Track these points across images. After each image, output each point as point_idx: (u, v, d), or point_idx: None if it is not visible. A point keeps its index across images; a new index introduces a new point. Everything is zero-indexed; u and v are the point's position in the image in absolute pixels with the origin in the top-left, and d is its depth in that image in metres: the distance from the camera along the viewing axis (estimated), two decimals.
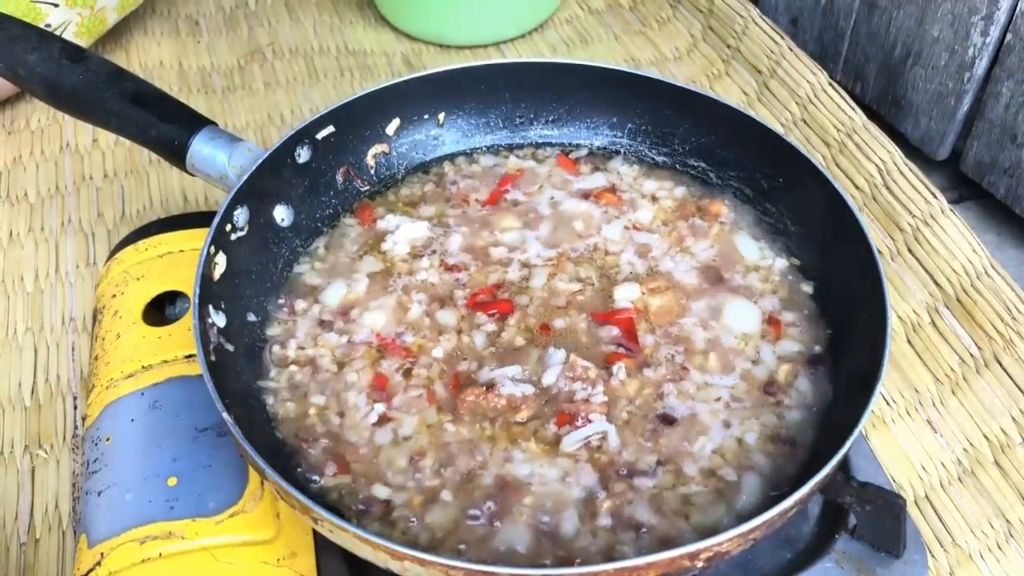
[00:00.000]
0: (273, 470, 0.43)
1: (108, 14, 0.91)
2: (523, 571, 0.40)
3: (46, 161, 0.87)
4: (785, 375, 0.54)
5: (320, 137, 0.60)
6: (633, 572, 0.41)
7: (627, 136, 0.67)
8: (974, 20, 0.77)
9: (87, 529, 0.53)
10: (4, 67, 0.59)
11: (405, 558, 0.41)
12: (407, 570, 0.42)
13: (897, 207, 0.76)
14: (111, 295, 0.64)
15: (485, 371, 0.53)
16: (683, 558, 0.41)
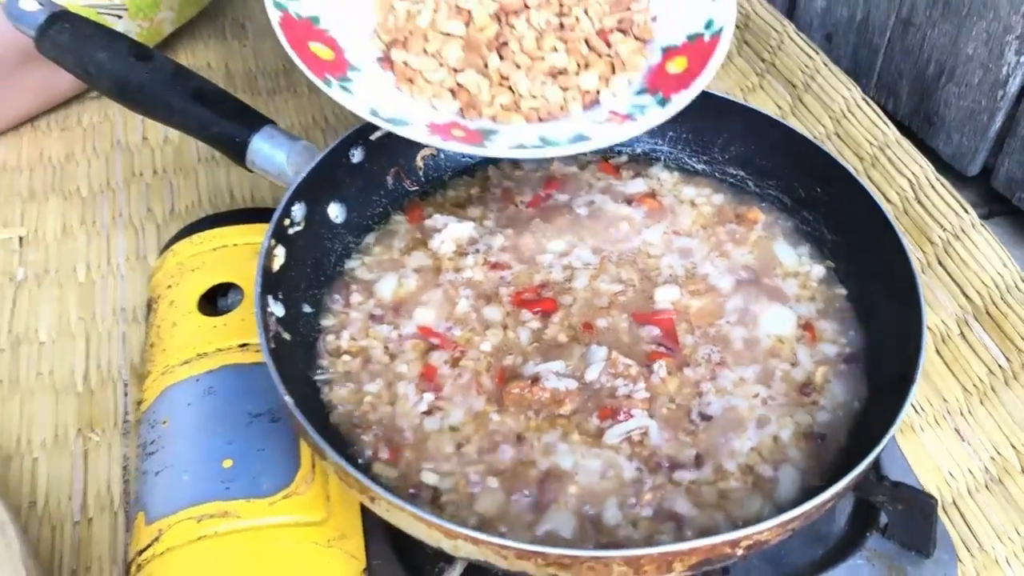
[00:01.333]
0: (333, 450, 0.45)
1: (165, 25, 0.95)
2: (571, 551, 0.42)
3: (98, 157, 0.90)
4: (820, 377, 0.55)
5: (374, 139, 0.63)
6: (677, 557, 0.42)
7: (667, 143, 0.69)
8: (1008, 39, 0.79)
9: (145, 507, 0.55)
10: (75, 64, 0.61)
11: (459, 537, 0.43)
12: (459, 549, 0.44)
13: (928, 220, 0.78)
14: (167, 285, 0.66)
15: (530, 365, 0.55)
16: (725, 545, 0.43)
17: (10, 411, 0.70)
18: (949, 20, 0.84)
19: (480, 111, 0.56)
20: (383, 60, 0.58)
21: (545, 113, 0.57)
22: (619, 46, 0.58)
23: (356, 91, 0.55)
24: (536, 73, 0.57)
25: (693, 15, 0.60)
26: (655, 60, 0.59)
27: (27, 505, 0.64)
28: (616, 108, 0.57)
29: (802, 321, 0.58)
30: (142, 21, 0.91)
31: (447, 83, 0.56)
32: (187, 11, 0.97)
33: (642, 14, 0.60)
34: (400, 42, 0.57)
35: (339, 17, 0.58)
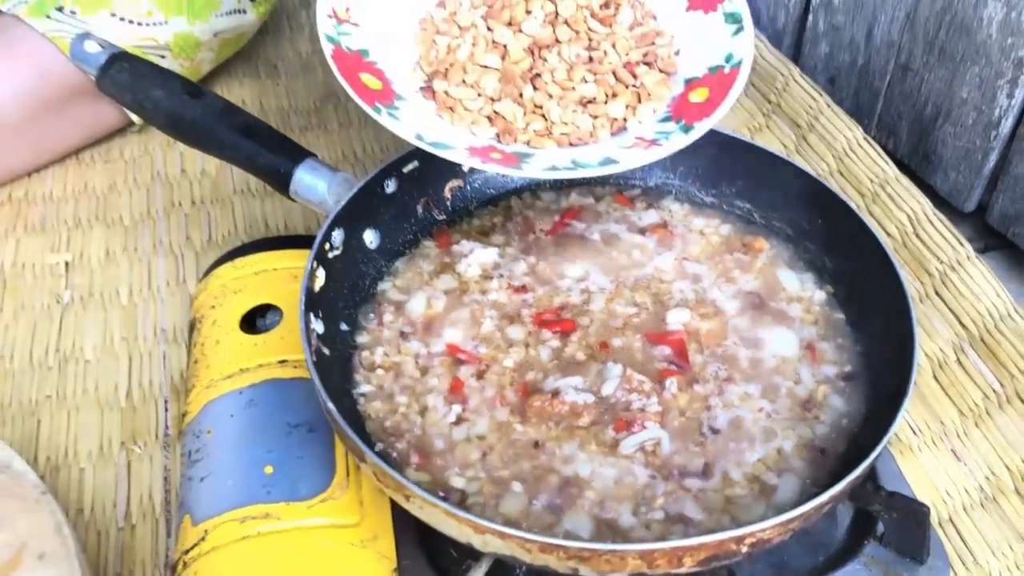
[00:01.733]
0: (372, 452, 0.49)
1: (204, 65, 1.01)
2: (591, 544, 0.46)
3: (139, 188, 0.95)
4: (821, 394, 0.59)
5: (406, 171, 0.68)
6: (686, 552, 0.46)
7: (678, 177, 0.73)
8: (1000, 83, 0.84)
9: (191, 510, 0.59)
10: (132, 101, 0.67)
11: (487, 531, 0.47)
12: (487, 544, 0.48)
13: (926, 253, 0.82)
14: (210, 306, 0.71)
15: (550, 380, 0.59)
16: (731, 541, 0.46)
17: (58, 424, 0.74)
18: (944, 65, 0.89)
19: (515, 137, 0.61)
20: (425, 90, 0.63)
21: (576, 139, 0.61)
22: (644, 77, 0.63)
23: (402, 118, 0.60)
24: (567, 102, 0.61)
25: (714, 50, 0.65)
26: (678, 91, 0.64)
27: (75, 512, 0.68)
28: (642, 134, 0.62)
29: (804, 342, 0.62)
30: (184, 60, 0.97)
31: (485, 111, 0.61)
32: (225, 52, 1.03)
33: (666, 48, 0.65)
34: (441, 73, 0.62)
35: (385, 50, 0.63)
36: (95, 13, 0.89)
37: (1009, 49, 0.82)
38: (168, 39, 0.94)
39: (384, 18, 0.64)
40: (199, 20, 0.95)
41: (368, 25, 0.63)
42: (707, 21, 0.66)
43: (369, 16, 0.63)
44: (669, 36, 0.66)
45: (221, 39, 0.99)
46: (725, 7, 0.66)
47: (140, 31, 0.92)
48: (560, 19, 0.63)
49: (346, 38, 0.61)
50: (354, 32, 0.62)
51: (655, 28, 0.66)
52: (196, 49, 0.97)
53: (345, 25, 0.62)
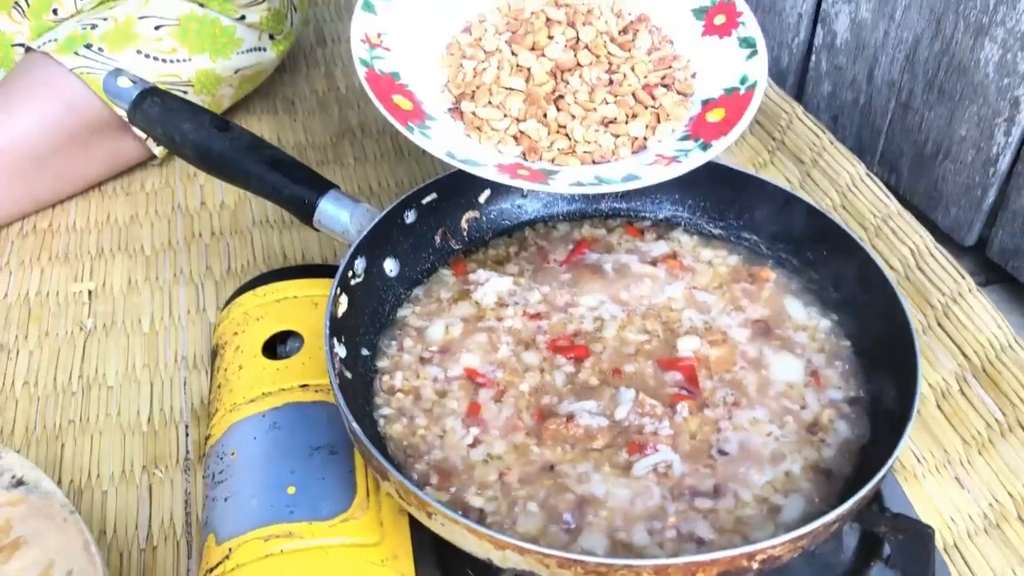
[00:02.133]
0: (395, 470, 0.51)
1: (224, 101, 1.04)
2: (607, 560, 0.47)
3: (160, 220, 0.98)
4: (826, 418, 0.61)
5: (424, 202, 0.70)
6: (699, 567, 0.48)
7: (687, 210, 0.76)
8: (998, 121, 0.86)
9: (215, 529, 0.61)
10: (162, 134, 0.69)
11: (507, 547, 0.48)
12: (507, 559, 0.49)
13: (928, 286, 0.84)
14: (232, 333, 0.73)
15: (565, 404, 0.61)
16: (742, 557, 0.48)
17: (82, 448, 0.76)
18: (944, 104, 0.91)
19: (540, 155, 0.64)
20: (453, 111, 0.66)
21: (599, 157, 0.64)
22: (663, 99, 0.66)
23: (434, 136, 0.63)
24: (590, 122, 0.64)
25: (729, 72, 0.68)
26: (695, 111, 0.67)
27: (98, 533, 0.70)
28: (662, 152, 0.65)
29: (810, 369, 0.64)
30: (205, 96, 1.00)
31: (511, 131, 0.64)
32: (245, 87, 1.06)
33: (683, 71, 0.68)
34: (468, 95, 0.65)
35: (415, 74, 0.66)
36: (122, 51, 0.93)
37: (1005, 89, 0.84)
38: (191, 75, 0.97)
39: (414, 44, 0.67)
40: (221, 57, 0.99)
41: (399, 50, 0.66)
42: (722, 46, 0.69)
43: (400, 42, 0.67)
44: (686, 60, 0.69)
45: (241, 76, 1.02)
46: (739, 32, 0.69)
47: (164, 67, 0.95)
48: (581, 44, 0.66)
49: (379, 62, 0.64)
50: (386, 56, 0.65)
51: (672, 52, 0.69)
52: (217, 85, 1.00)
53: (378, 50, 0.65)
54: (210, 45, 0.97)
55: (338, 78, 1.18)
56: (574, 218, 0.76)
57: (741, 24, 0.69)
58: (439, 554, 0.59)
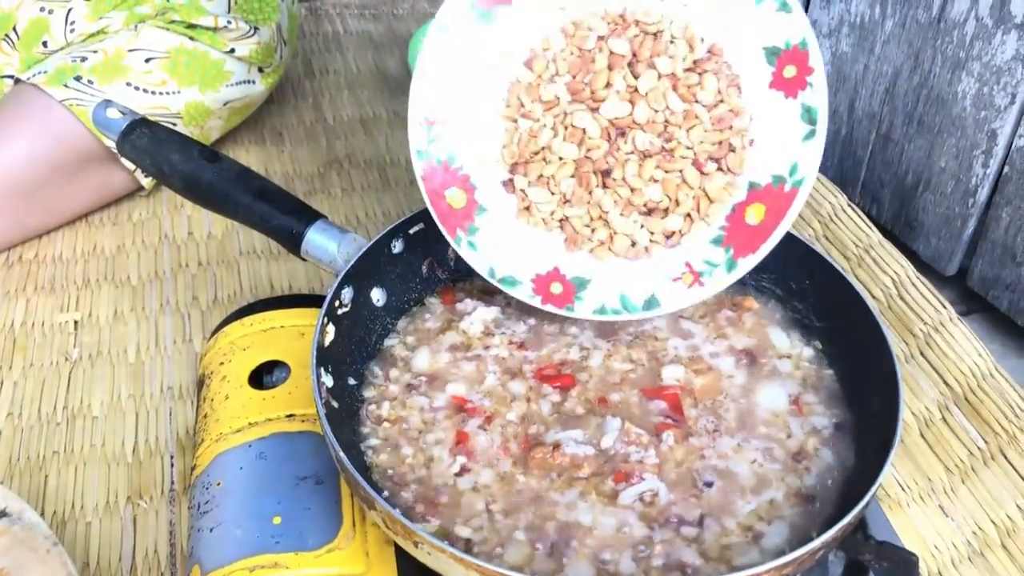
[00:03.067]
0: (382, 499, 0.51)
1: (213, 132, 1.05)
2: None
3: (146, 250, 0.98)
4: (811, 446, 0.62)
5: (412, 232, 0.70)
6: None
7: None
8: (976, 154, 0.88)
9: (200, 560, 0.61)
10: (151, 165, 0.70)
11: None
12: None
13: (910, 315, 0.85)
14: (219, 362, 0.73)
15: (551, 433, 0.61)
16: None
17: (66, 479, 0.75)
18: (923, 136, 0.93)
19: (580, 245, 0.66)
20: (507, 183, 0.66)
21: (632, 255, 0.66)
22: (709, 182, 0.65)
23: (479, 244, 0.65)
24: (631, 210, 0.65)
25: (783, 151, 0.64)
26: (739, 198, 0.66)
27: (81, 565, 0.69)
28: (691, 259, 0.66)
29: (793, 397, 0.65)
30: (193, 128, 1.01)
31: (557, 215, 0.66)
32: (233, 119, 1.07)
33: (740, 137, 0.65)
34: (522, 165, 0.65)
35: (473, 140, 0.65)
36: (111, 83, 0.93)
37: (983, 122, 0.86)
38: (180, 108, 0.98)
39: (474, 100, 0.65)
40: (210, 90, 0.99)
41: (457, 116, 0.64)
42: (785, 109, 0.64)
43: (459, 104, 0.65)
44: (747, 117, 0.65)
45: (230, 108, 1.03)
46: (805, 97, 0.63)
47: (154, 99, 0.96)
48: (639, 95, 0.64)
49: (435, 145, 0.64)
50: (443, 133, 0.64)
51: (735, 105, 0.64)
52: (206, 117, 1.01)
53: (435, 128, 0.64)
54: (199, 78, 0.98)
55: (325, 109, 1.20)
56: None
57: (809, 85, 0.62)
58: None
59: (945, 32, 0.87)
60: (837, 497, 0.59)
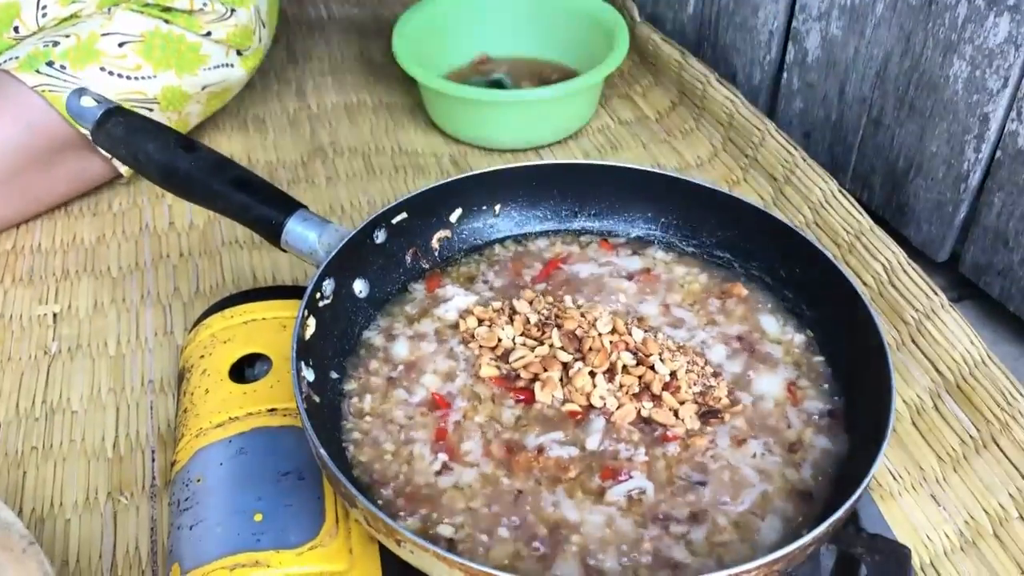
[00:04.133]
0: (364, 497, 0.50)
1: (192, 118, 1.02)
2: None
3: (127, 240, 0.96)
4: (805, 436, 0.61)
5: (395, 222, 0.69)
6: None
7: (660, 229, 0.75)
8: (968, 138, 0.87)
9: (179, 558, 0.59)
10: (127, 154, 0.68)
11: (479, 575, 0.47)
12: None
13: (901, 302, 0.84)
14: (199, 356, 0.72)
15: (531, 438, 0.60)
16: None
17: (44, 475, 0.74)
18: (914, 121, 0.92)
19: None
20: None
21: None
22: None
23: None
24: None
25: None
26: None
27: (60, 563, 0.68)
28: None
29: (786, 384, 0.64)
30: (171, 113, 0.99)
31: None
32: (213, 105, 1.05)
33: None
34: None
35: None
36: (85, 68, 0.91)
37: (975, 105, 0.85)
38: (156, 92, 0.96)
39: None
40: (187, 74, 0.97)
41: None
42: None
43: None
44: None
45: (209, 92, 1.01)
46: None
47: (129, 84, 0.94)
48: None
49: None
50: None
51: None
52: (184, 102, 0.99)
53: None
54: (176, 62, 0.96)
55: (309, 96, 1.17)
56: (548, 235, 0.75)
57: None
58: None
59: (937, 14, 0.85)
60: (830, 490, 0.58)
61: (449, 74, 1.14)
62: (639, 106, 1.16)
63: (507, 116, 1.04)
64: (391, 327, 0.68)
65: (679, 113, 1.13)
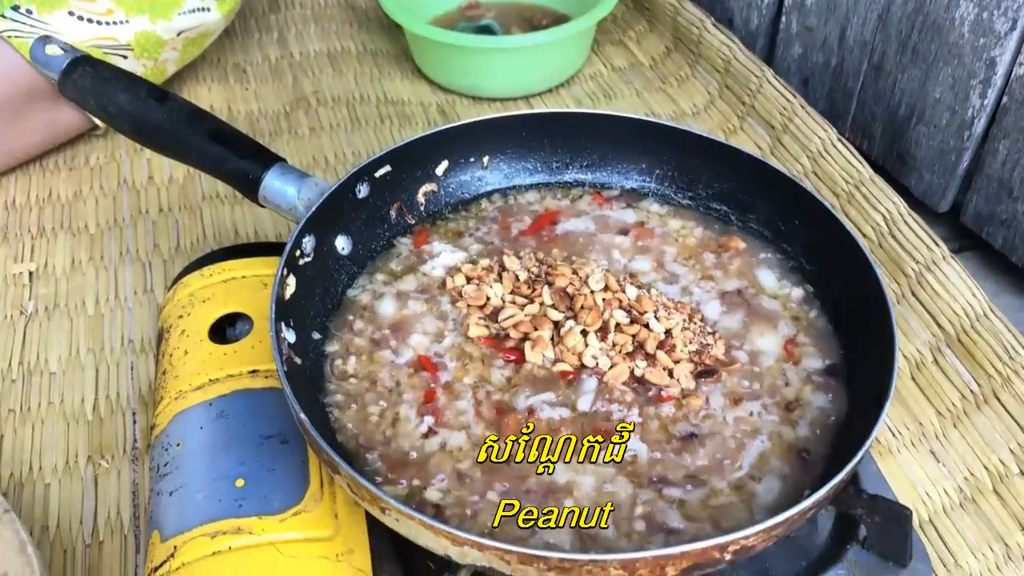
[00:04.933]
0: (346, 464, 0.48)
1: (169, 66, 0.99)
2: (570, 555, 0.45)
3: (105, 196, 0.93)
4: (803, 394, 0.59)
5: (378, 175, 0.66)
6: (669, 560, 0.45)
7: (655, 181, 0.72)
8: (973, 83, 0.84)
9: (159, 525, 0.58)
10: (96, 105, 0.65)
11: (465, 543, 0.45)
12: (466, 555, 0.46)
13: (902, 254, 0.82)
14: (178, 316, 0.69)
15: (521, 399, 0.58)
16: (713, 549, 0.45)
17: (22, 439, 0.72)
18: (917, 66, 0.89)
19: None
20: None
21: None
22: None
23: None
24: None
25: None
26: None
27: (39, 529, 0.66)
28: None
29: (784, 340, 0.62)
30: (146, 61, 0.95)
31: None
32: (190, 51, 1.01)
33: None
34: None
35: None
36: (53, 12, 0.87)
37: (981, 49, 0.82)
38: (129, 38, 0.92)
39: None
40: (161, 18, 0.93)
41: None
42: None
43: None
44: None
45: (185, 38, 0.97)
46: None
47: (100, 30, 0.90)
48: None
49: None
50: None
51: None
52: (159, 49, 0.95)
53: None
54: (149, 6, 0.92)
55: (291, 44, 1.14)
56: (539, 188, 0.72)
57: None
58: (397, 547, 0.56)
59: None
60: (829, 450, 0.56)
61: (435, 20, 1.10)
62: (633, 52, 1.12)
63: (496, 63, 1.01)
64: (376, 285, 0.65)
65: (674, 59, 1.10)
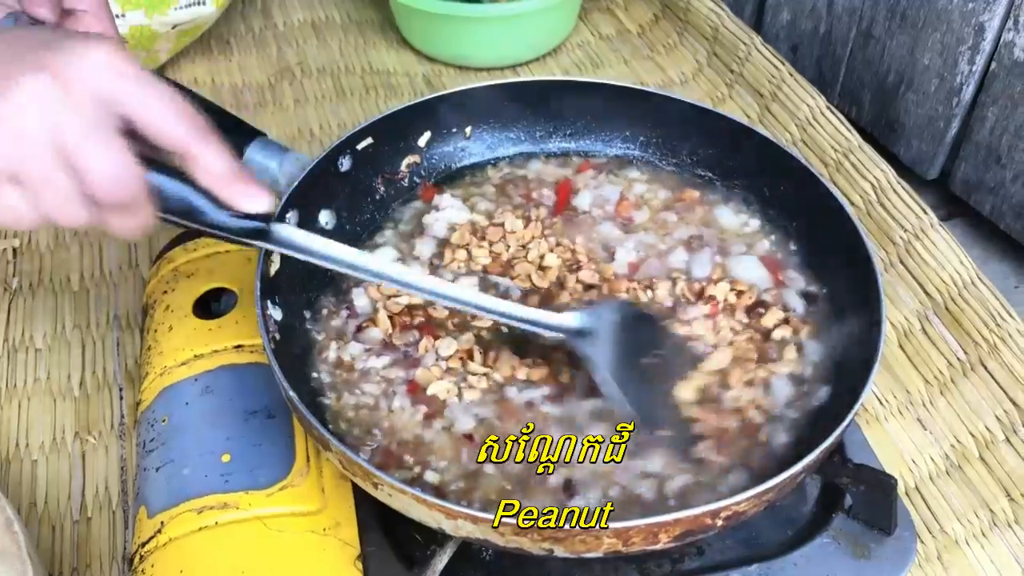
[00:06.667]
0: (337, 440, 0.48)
1: (161, 55, 0.98)
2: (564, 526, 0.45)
3: None
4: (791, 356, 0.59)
5: (360, 148, 0.66)
6: (662, 528, 0.45)
7: (639, 148, 0.72)
8: (961, 50, 0.83)
9: (146, 501, 0.58)
10: None
11: (460, 516, 0.45)
12: (460, 528, 0.46)
13: (890, 222, 0.82)
14: (162, 291, 0.69)
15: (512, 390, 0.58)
16: (705, 516, 0.46)
17: (9, 416, 0.72)
18: (906, 32, 0.88)
19: None
20: None
21: None
22: None
23: None
24: None
25: None
26: None
27: (27, 506, 0.66)
28: None
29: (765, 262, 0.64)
30: (140, 52, 0.95)
31: None
32: (182, 42, 1.00)
33: None
34: None
35: None
36: None
37: (970, 15, 0.81)
38: (125, 32, 0.91)
39: None
40: (157, 13, 0.93)
41: None
42: None
43: None
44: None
45: (179, 31, 0.96)
46: None
47: None
48: None
49: None
50: None
51: None
52: (153, 41, 0.94)
53: None
54: (145, 1, 0.91)
55: (275, 14, 1.12)
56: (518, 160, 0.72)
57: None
58: (385, 520, 0.56)
59: None
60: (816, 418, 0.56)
61: None
62: (620, 20, 1.11)
63: (482, 32, 0.99)
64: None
65: (662, 27, 1.09)
